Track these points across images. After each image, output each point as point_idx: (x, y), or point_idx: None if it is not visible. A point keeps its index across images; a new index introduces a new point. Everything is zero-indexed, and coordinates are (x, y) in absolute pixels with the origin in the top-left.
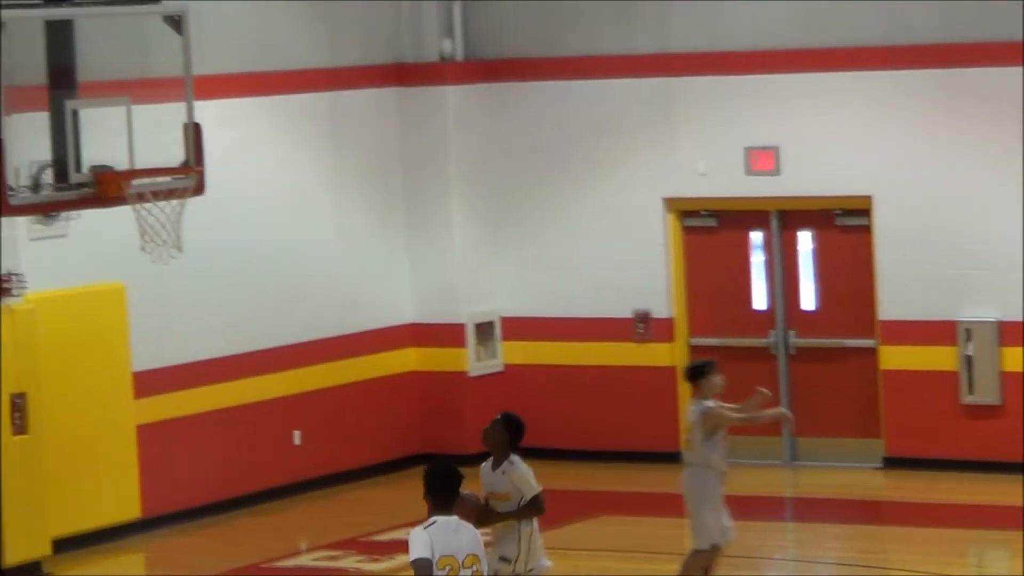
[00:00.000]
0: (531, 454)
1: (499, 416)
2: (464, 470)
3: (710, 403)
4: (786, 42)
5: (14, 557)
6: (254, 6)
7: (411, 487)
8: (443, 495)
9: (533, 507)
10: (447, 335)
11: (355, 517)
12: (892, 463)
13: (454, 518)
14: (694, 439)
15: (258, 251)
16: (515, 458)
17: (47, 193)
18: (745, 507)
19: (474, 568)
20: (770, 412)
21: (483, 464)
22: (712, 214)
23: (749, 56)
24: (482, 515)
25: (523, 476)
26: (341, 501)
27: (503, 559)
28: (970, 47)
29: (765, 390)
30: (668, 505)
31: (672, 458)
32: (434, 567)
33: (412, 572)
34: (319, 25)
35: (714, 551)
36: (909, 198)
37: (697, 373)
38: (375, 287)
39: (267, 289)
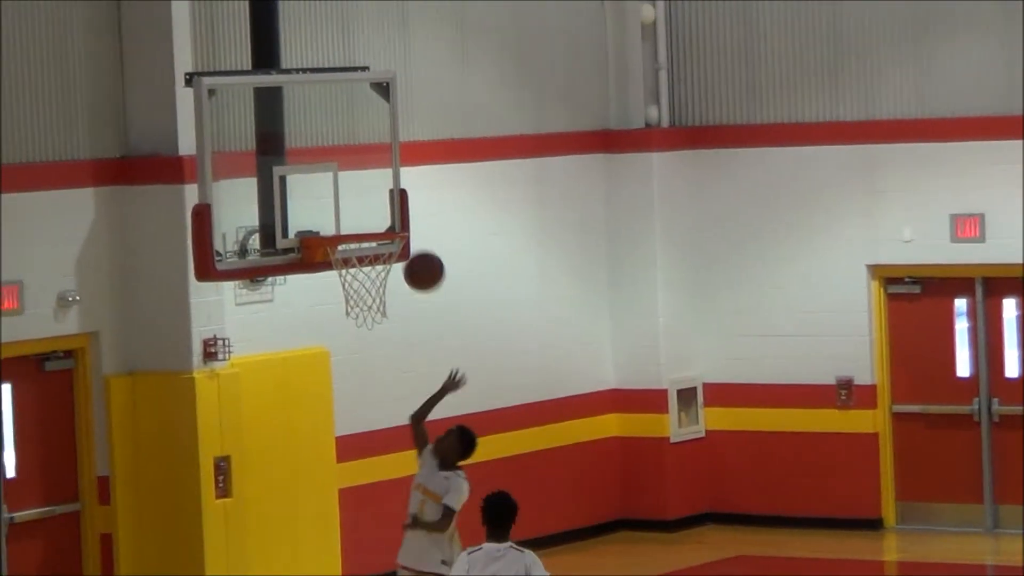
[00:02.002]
0: (732, 520)
1: (456, 427)
2: (663, 536)
3: None
4: (992, 109)
5: None
6: (460, 73)
7: (610, 553)
8: (496, 524)
9: (442, 520)
10: (649, 401)
11: None
12: None
13: (503, 545)
14: None
15: (461, 317)
16: (463, 473)
17: (254, 258)
18: (928, 574)
19: None
20: None
21: (430, 452)
22: (916, 281)
23: (954, 123)
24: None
25: (460, 490)
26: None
27: (444, 562)
28: None
29: None
30: (867, 572)
31: (874, 525)
32: None
33: None
34: (525, 92)
35: None
36: None
37: None
38: (577, 353)
39: (469, 355)
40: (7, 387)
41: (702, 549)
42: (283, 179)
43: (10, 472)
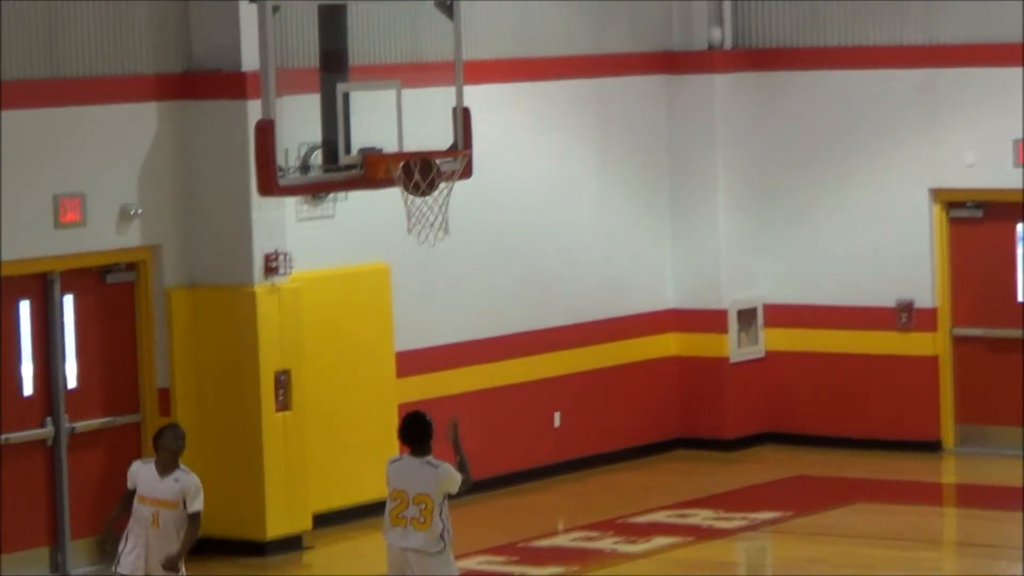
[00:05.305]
0: (791, 440)
1: (176, 423)
2: (722, 455)
3: None
4: None
5: (276, 531)
6: None
7: (668, 471)
8: (414, 441)
9: (195, 528)
10: (709, 321)
11: (611, 499)
12: None
13: (421, 459)
14: None
15: (522, 235)
16: (186, 467)
17: (316, 174)
18: (986, 497)
19: (423, 506)
20: None
21: (140, 465)
22: (978, 205)
23: (1018, 48)
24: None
25: (197, 488)
26: (597, 483)
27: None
28: None
29: None
30: (925, 494)
31: (931, 447)
32: (388, 497)
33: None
34: (588, 12)
35: None
36: None
37: None
38: (638, 272)
39: (530, 273)
40: (69, 299)
41: (761, 469)
42: (346, 96)
43: (72, 383)
